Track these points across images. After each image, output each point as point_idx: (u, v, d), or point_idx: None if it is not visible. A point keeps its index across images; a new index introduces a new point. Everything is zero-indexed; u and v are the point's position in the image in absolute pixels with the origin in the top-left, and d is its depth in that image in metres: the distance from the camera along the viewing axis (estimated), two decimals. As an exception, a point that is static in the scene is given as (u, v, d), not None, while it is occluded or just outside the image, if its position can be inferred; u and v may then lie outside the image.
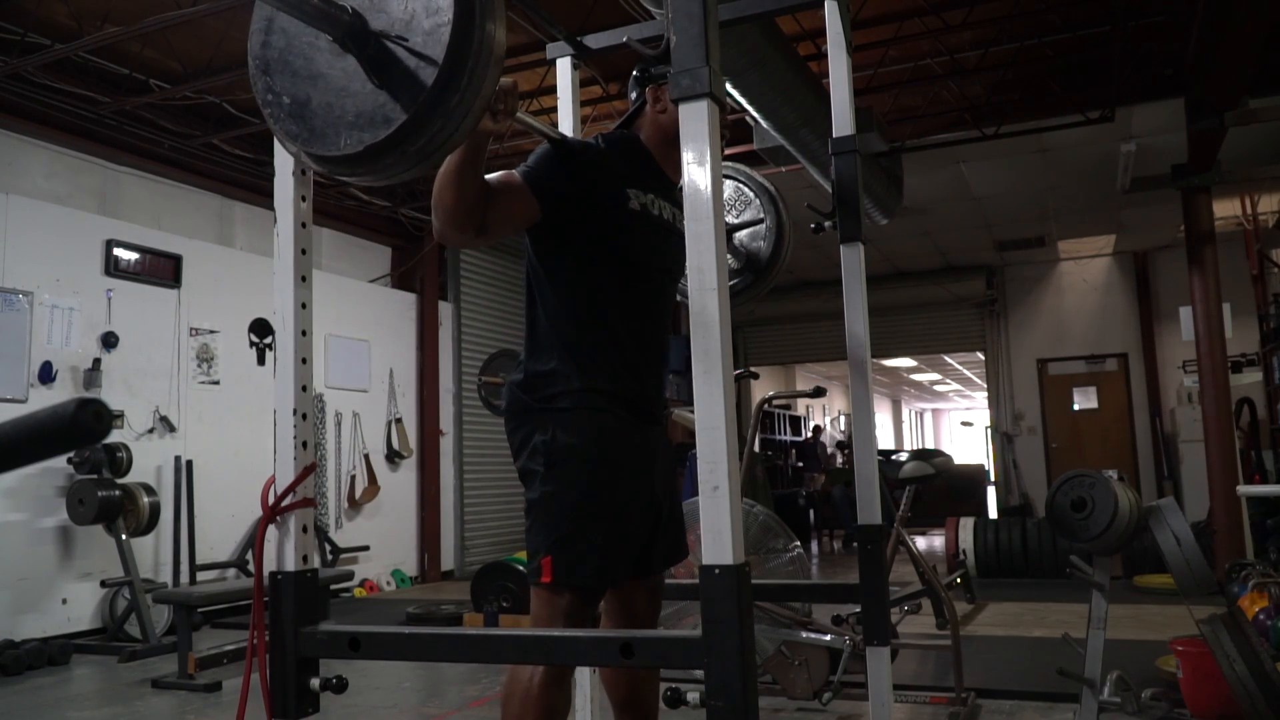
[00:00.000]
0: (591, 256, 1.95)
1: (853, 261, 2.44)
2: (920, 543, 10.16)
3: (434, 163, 1.54)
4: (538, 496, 1.86)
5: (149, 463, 6.10)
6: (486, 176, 1.81)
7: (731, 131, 6.37)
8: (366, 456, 8.06)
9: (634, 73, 2.13)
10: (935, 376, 20.31)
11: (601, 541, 1.83)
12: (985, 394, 12.85)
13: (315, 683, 1.65)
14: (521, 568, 5.44)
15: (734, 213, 2.82)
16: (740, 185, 2.84)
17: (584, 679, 2.47)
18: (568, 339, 1.93)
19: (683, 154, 1.40)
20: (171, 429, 6.32)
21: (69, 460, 5.53)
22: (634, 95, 2.13)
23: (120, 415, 5.96)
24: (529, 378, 1.95)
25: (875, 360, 10.63)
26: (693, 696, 1.37)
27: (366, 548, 7.88)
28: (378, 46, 1.41)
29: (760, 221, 2.76)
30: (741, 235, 2.80)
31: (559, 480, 1.85)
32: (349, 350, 7.97)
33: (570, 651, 1.55)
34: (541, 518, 1.85)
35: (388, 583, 8.22)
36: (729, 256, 2.74)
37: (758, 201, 2.79)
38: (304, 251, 1.75)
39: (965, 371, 18.78)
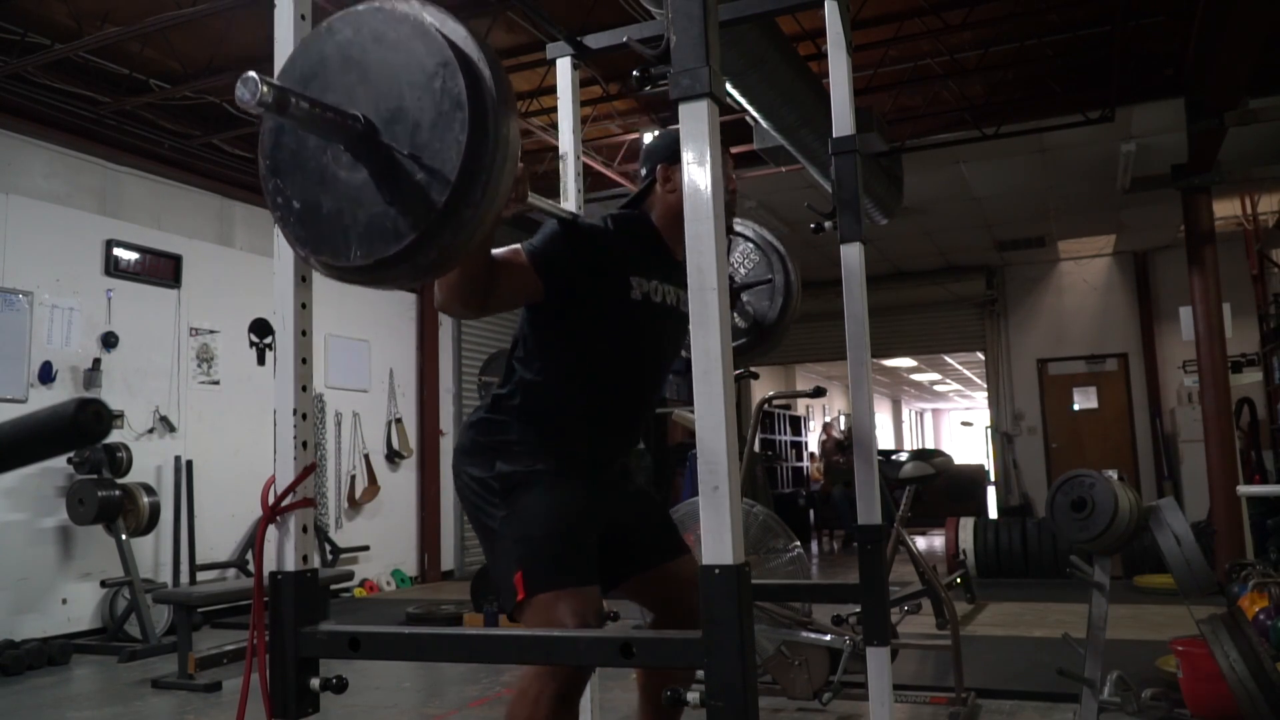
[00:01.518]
0: (585, 339, 1.97)
1: (853, 261, 2.44)
2: (920, 543, 10.16)
3: (448, 271, 1.54)
4: (496, 525, 1.88)
5: (149, 463, 6.10)
6: (493, 251, 1.81)
7: (732, 131, 6.40)
8: (366, 456, 8.06)
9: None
10: (935, 376, 20.30)
11: (565, 543, 1.85)
12: (985, 394, 12.85)
13: (315, 683, 1.65)
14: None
15: (741, 270, 2.77)
16: (747, 243, 2.78)
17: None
18: (539, 409, 1.95)
19: (683, 154, 1.40)
20: (171, 429, 6.32)
21: (69, 460, 5.53)
22: (644, 172, 2.13)
23: (120, 415, 5.96)
24: (491, 424, 1.97)
25: (875, 360, 10.63)
26: (693, 696, 1.37)
27: (366, 548, 7.88)
28: (389, 159, 1.39)
29: (768, 281, 2.71)
30: (747, 295, 2.75)
31: (512, 504, 1.88)
32: (349, 350, 7.97)
33: (571, 651, 1.55)
34: (503, 543, 1.86)
35: (388, 583, 8.22)
36: (735, 316, 2.69)
37: (766, 260, 2.74)
38: (304, 251, 1.75)
39: (965, 371, 18.78)
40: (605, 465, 2.05)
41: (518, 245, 1.89)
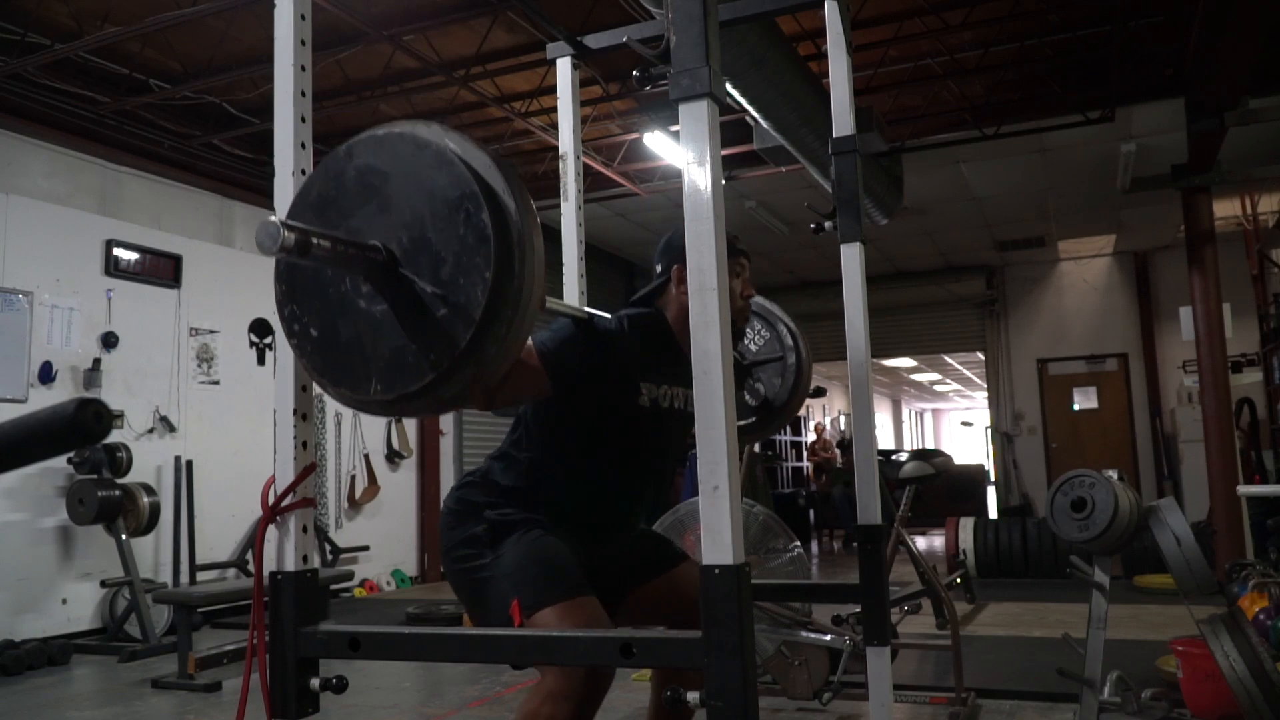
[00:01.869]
0: (588, 438, 1.97)
1: (853, 261, 2.44)
2: (920, 543, 10.16)
3: (468, 403, 1.52)
4: (489, 574, 1.87)
5: (149, 463, 6.10)
6: None
7: (732, 131, 6.40)
8: (366, 456, 8.06)
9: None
10: (935, 376, 20.31)
11: (553, 563, 1.84)
12: (985, 394, 12.84)
13: (315, 683, 1.64)
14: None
15: (752, 348, 2.72)
16: (760, 320, 2.72)
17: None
18: (531, 493, 1.95)
19: (682, 154, 1.40)
20: (171, 429, 6.32)
21: (69, 460, 5.53)
22: (658, 269, 2.12)
23: (120, 415, 5.96)
24: (482, 486, 1.97)
25: (875, 360, 10.64)
26: (693, 696, 1.37)
27: (366, 548, 7.88)
28: (411, 293, 1.34)
29: (779, 358, 2.68)
30: (759, 373, 2.70)
31: (500, 551, 1.87)
32: (349, 350, 7.96)
33: (571, 652, 1.55)
34: (499, 585, 1.85)
35: (388, 583, 8.22)
36: (745, 394, 2.65)
37: (777, 337, 2.69)
38: (304, 252, 1.75)
39: (965, 371, 18.78)
40: (597, 537, 2.03)
41: (529, 342, 1.87)
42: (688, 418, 1.89)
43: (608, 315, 2.10)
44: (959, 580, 6.12)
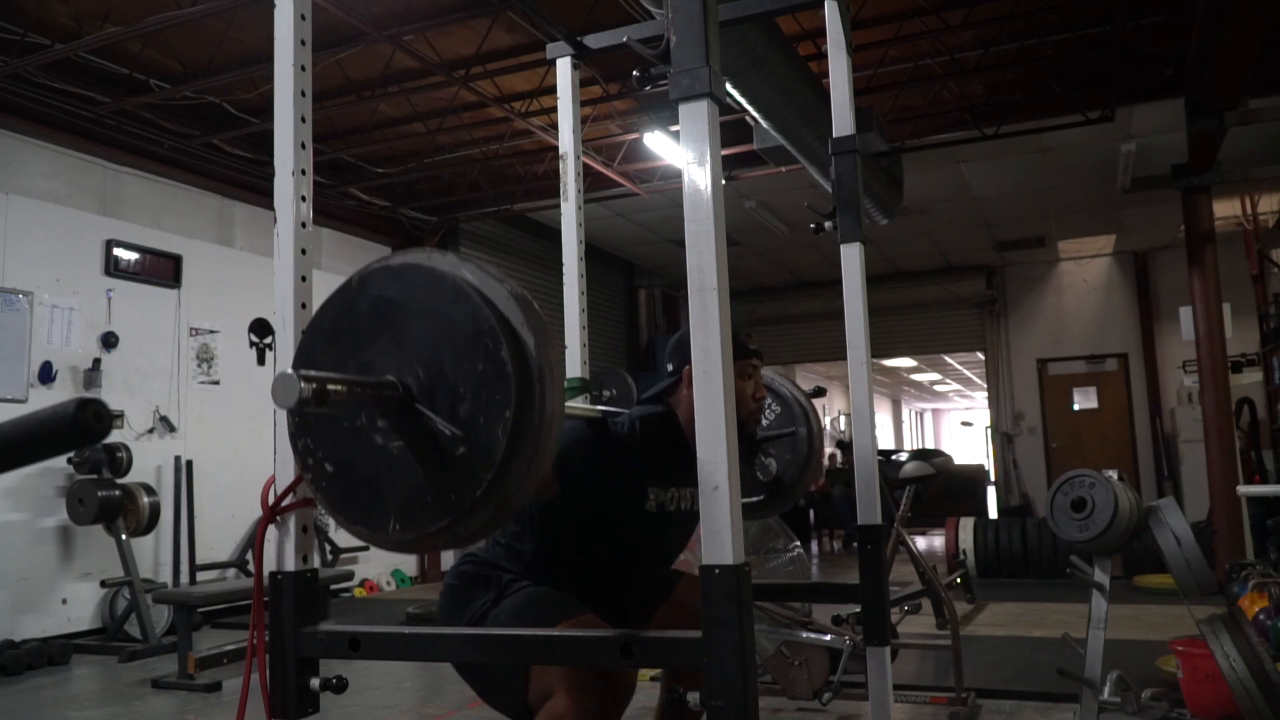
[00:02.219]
0: (590, 538, 1.97)
1: (853, 261, 2.44)
2: (920, 543, 10.16)
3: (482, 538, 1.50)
4: (491, 615, 1.87)
5: (149, 463, 6.10)
6: None
7: (732, 131, 6.40)
8: (366, 456, 8.06)
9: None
10: (935, 376, 20.31)
11: (561, 597, 1.86)
12: (985, 394, 12.85)
13: (315, 683, 1.64)
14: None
15: (764, 422, 2.67)
16: (772, 395, 2.67)
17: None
18: (543, 570, 1.95)
19: (682, 154, 1.40)
20: (171, 429, 6.32)
21: (69, 460, 5.53)
22: (669, 368, 2.11)
23: (120, 415, 5.96)
24: (484, 561, 1.98)
25: (875, 360, 10.64)
26: (693, 697, 1.37)
27: (366, 548, 7.87)
28: (431, 430, 1.31)
29: (791, 432, 2.63)
30: (770, 449, 2.65)
31: (503, 601, 1.88)
32: (349, 350, 7.96)
33: (571, 651, 1.55)
34: (502, 620, 1.85)
35: (388, 583, 8.22)
36: (757, 471, 2.63)
37: (789, 411, 2.65)
38: (304, 251, 1.75)
39: (965, 371, 18.78)
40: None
41: None
42: (695, 516, 1.90)
43: (622, 413, 2.08)
44: (959, 580, 6.12)
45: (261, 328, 6.93)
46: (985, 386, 12.48)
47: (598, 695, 1.69)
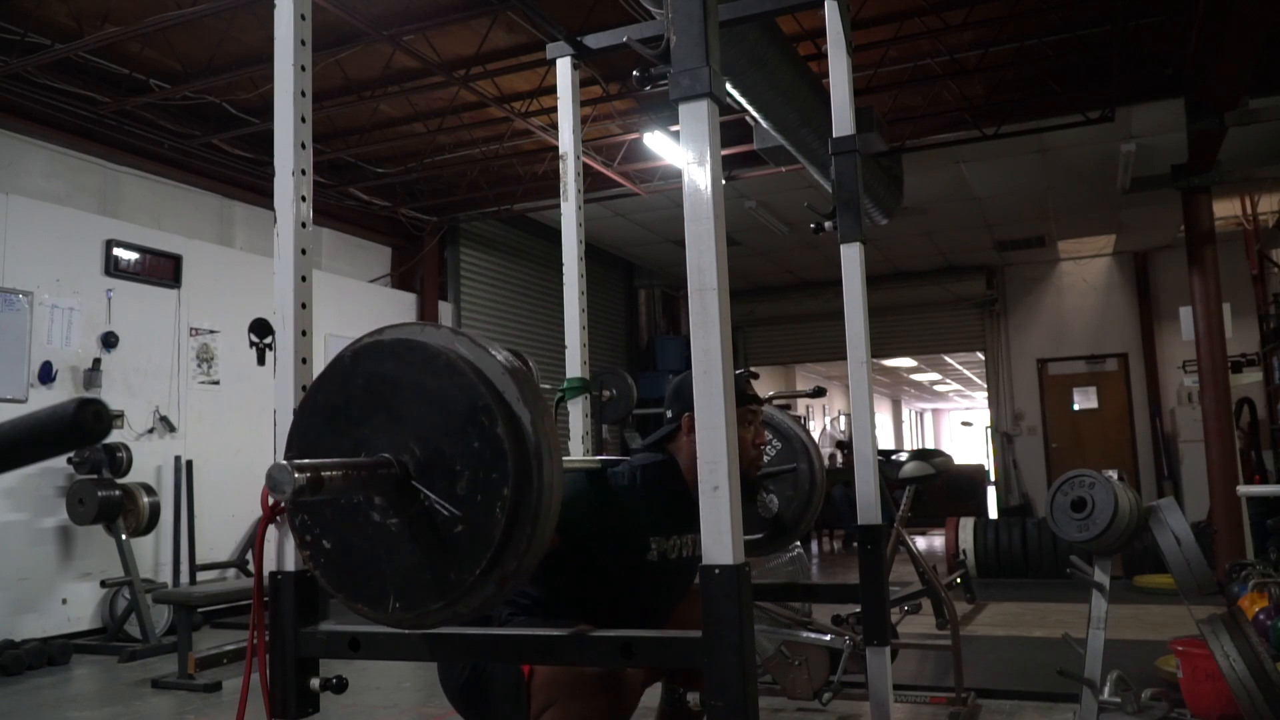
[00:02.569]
0: (591, 584, 1.97)
1: (853, 261, 2.44)
2: (920, 543, 10.16)
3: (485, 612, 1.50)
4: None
5: (149, 463, 6.10)
6: None
7: (732, 131, 6.39)
8: (366, 456, 8.06)
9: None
10: (935, 376, 20.30)
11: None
12: (985, 394, 12.85)
13: (315, 683, 1.65)
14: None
15: (764, 459, 2.64)
16: (773, 431, 2.68)
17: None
18: (544, 620, 1.94)
19: (682, 154, 1.40)
20: (171, 429, 6.32)
21: (69, 460, 5.53)
22: (669, 414, 2.11)
23: (120, 415, 5.95)
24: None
25: (875, 360, 10.63)
26: (693, 696, 1.37)
27: (366, 548, 7.87)
28: (428, 509, 1.31)
29: (793, 468, 2.64)
30: (771, 485, 2.65)
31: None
32: (349, 350, 7.96)
33: (570, 651, 1.55)
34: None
35: (388, 583, 8.22)
36: (758, 508, 2.63)
37: (790, 447, 2.65)
38: (304, 251, 1.75)
39: (965, 371, 18.78)
40: None
41: None
42: (696, 561, 1.90)
43: (622, 462, 2.08)
44: (959, 580, 6.12)
45: (261, 328, 6.92)
46: (985, 386, 12.48)
47: (601, 703, 1.70)
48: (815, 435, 16.13)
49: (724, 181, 3.20)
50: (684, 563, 2.05)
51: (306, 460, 1.28)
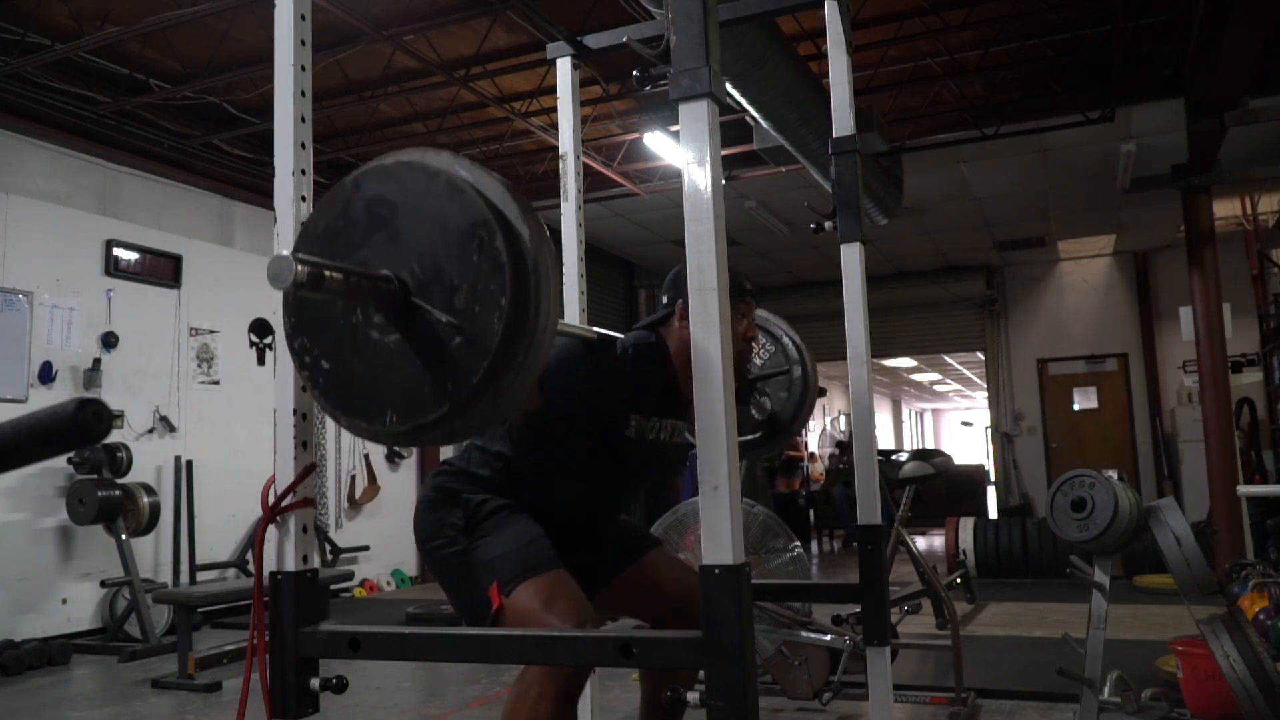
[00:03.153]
0: (566, 453, 1.98)
1: (853, 261, 2.44)
2: (920, 543, 10.16)
3: (484, 429, 1.50)
4: (463, 558, 1.89)
5: (149, 463, 6.10)
6: None
7: (732, 131, 6.39)
8: (366, 456, 8.06)
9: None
10: (935, 376, 20.30)
11: (526, 542, 1.87)
12: (985, 394, 12.85)
13: (315, 683, 1.65)
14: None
15: (757, 361, 2.71)
16: (765, 334, 2.71)
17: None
18: (509, 490, 1.96)
19: (682, 154, 1.40)
20: (171, 429, 6.32)
21: (69, 460, 5.53)
22: (664, 300, 2.13)
23: (120, 415, 5.96)
24: (458, 474, 1.99)
25: (875, 360, 10.63)
26: (693, 696, 1.37)
27: (366, 548, 7.88)
28: (426, 323, 1.33)
29: (784, 372, 2.66)
30: (765, 388, 2.69)
31: (477, 534, 1.89)
32: (349, 350, 7.96)
33: (570, 651, 1.55)
34: (473, 567, 1.87)
35: (388, 583, 8.22)
36: (752, 409, 2.67)
37: (782, 351, 2.68)
38: (304, 251, 1.75)
39: (965, 371, 18.78)
40: (568, 531, 2.05)
41: None
42: (674, 449, 1.89)
43: (618, 336, 2.10)
44: (959, 580, 6.12)
45: (261, 328, 6.93)
46: (985, 386, 12.48)
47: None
48: (815, 435, 16.21)
49: (724, 181, 3.20)
50: (661, 446, 2.05)
51: (310, 256, 1.29)
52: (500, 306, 1.27)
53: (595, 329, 2.14)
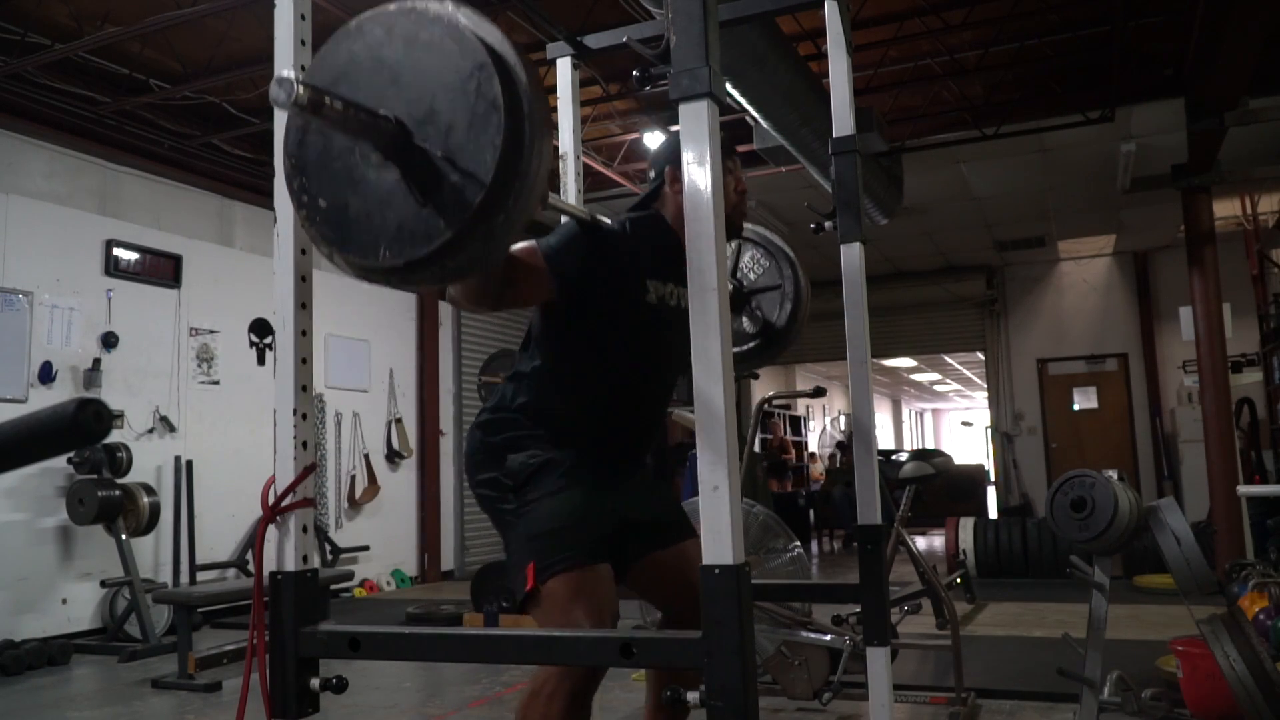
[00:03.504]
0: (597, 340, 1.96)
1: (853, 261, 2.44)
2: (920, 543, 10.16)
3: (475, 274, 1.52)
4: (509, 519, 1.90)
5: (149, 463, 6.10)
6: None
7: (732, 131, 6.40)
8: (366, 456, 8.06)
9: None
10: (935, 376, 20.30)
11: (573, 527, 1.85)
12: (985, 394, 12.85)
13: (315, 683, 1.65)
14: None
15: (750, 275, 2.76)
16: (757, 248, 2.77)
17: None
18: (547, 408, 1.96)
19: (682, 154, 1.40)
20: (171, 429, 6.32)
21: (69, 460, 5.53)
22: (652, 175, 2.14)
23: (120, 415, 5.96)
24: (498, 422, 1.97)
25: (875, 360, 10.63)
26: (693, 696, 1.37)
27: (366, 548, 7.88)
28: (422, 160, 1.36)
29: (777, 286, 2.70)
30: (759, 300, 2.74)
31: (522, 499, 1.89)
32: (349, 350, 7.97)
33: (571, 651, 1.55)
34: (518, 536, 1.88)
35: (388, 583, 8.22)
36: (744, 320, 2.70)
37: (775, 265, 2.73)
38: (304, 251, 1.75)
39: (965, 371, 18.78)
40: (617, 463, 2.03)
41: (533, 243, 1.89)
42: None
43: (608, 219, 2.11)
44: (959, 580, 6.11)
45: (261, 328, 6.93)
46: (985, 386, 12.47)
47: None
48: (815, 435, 16.18)
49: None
50: (681, 314, 2.05)
51: (310, 80, 1.33)
52: (495, 146, 1.31)
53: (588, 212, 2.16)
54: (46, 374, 5.56)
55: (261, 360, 6.96)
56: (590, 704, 1.81)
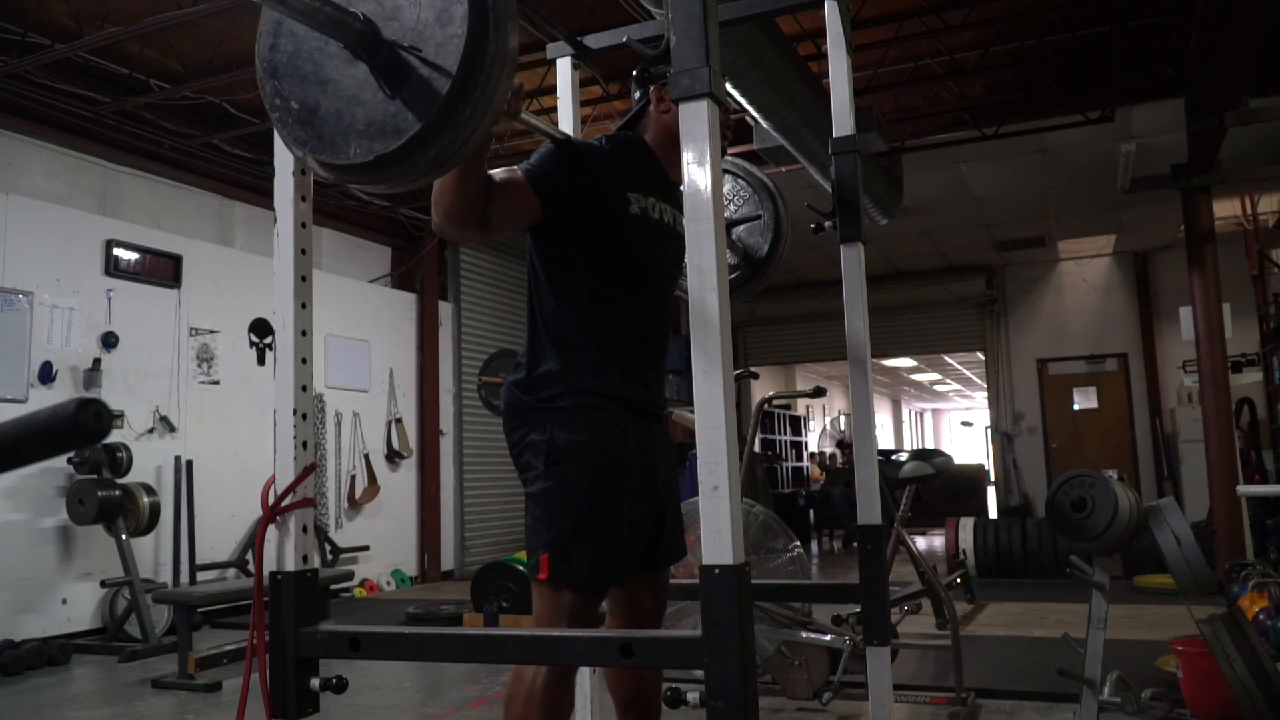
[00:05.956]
0: (591, 259, 1.96)
1: (853, 261, 2.44)
2: (920, 543, 10.16)
3: (443, 172, 1.54)
4: (537, 491, 1.88)
5: (149, 463, 6.10)
6: (490, 172, 1.81)
7: (732, 131, 6.39)
8: (366, 456, 8.06)
9: (634, 72, 2.14)
10: (935, 376, 20.30)
11: (600, 540, 1.83)
12: (985, 394, 12.85)
13: (315, 683, 1.65)
14: (521, 568, 5.45)
15: (731, 207, 2.83)
16: (738, 180, 2.84)
17: (584, 679, 2.47)
18: (567, 340, 1.94)
19: (683, 154, 1.40)
20: (171, 429, 6.32)
21: (69, 460, 5.53)
22: (637, 95, 2.13)
23: (120, 415, 5.95)
24: (528, 378, 1.96)
25: (875, 360, 10.64)
26: (693, 696, 1.37)
27: (366, 548, 7.87)
28: (390, 55, 1.39)
29: (758, 217, 2.76)
30: (739, 230, 2.80)
31: (558, 477, 1.86)
32: (349, 350, 7.97)
33: (570, 651, 1.55)
34: (540, 514, 1.87)
35: (388, 583, 8.22)
36: (727, 252, 2.75)
37: (756, 197, 2.79)
38: (304, 251, 1.75)
39: (965, 371, 18.78)
40: (642, 405, 2.01)
41: (515, 167, 1.90)
42: (681, 237, 1.88)
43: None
44: (959, 580, 6.11)
45: (261, 328, 6.93)
46: (985, 386, 12.48)
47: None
48: (815, 435, 16.15)
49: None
50: (667, 228, 2.06)
51: None
52: (459, 36, 1.34)
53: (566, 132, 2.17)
54: (46, 374, 5.56)
55: (261, 360, 6.96)
56: (574, 685, 1.84)
